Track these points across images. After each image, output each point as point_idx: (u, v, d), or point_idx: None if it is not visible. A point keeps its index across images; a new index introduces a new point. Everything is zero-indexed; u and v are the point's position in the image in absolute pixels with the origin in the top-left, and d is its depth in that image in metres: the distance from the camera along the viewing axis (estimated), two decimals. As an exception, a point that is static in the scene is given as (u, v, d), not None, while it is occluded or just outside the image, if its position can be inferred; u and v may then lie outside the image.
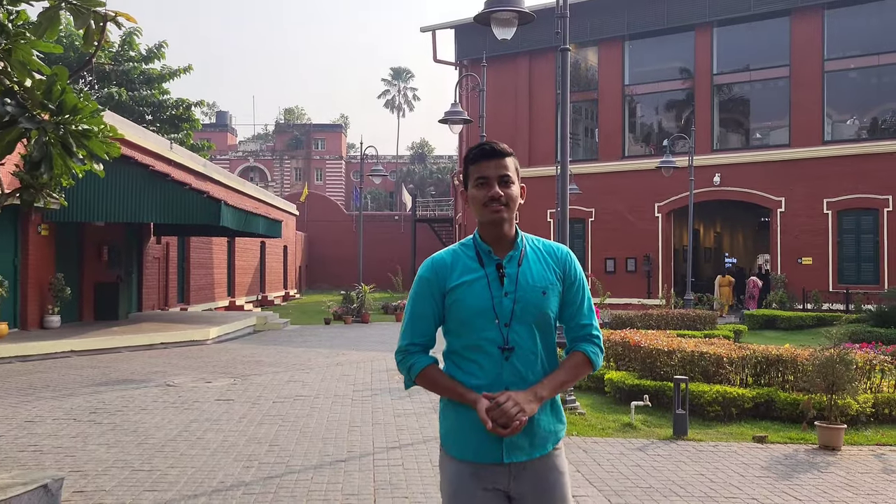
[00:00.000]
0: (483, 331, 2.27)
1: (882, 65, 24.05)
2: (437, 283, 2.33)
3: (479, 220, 2.35)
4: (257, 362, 12.27)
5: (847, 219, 23.63)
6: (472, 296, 2.28)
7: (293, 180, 72.66)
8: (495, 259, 2.33)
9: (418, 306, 2.36)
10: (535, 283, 2.31)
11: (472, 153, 2.33)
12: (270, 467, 5.80)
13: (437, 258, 2.37)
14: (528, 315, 2.29)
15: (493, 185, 2.29)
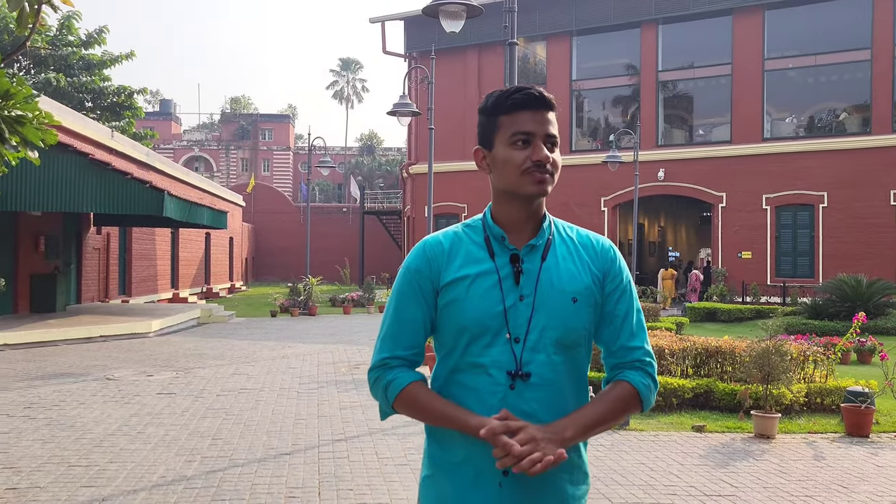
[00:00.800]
0: (486, 347, 1.68)
1: (818, 65, 24.76)
2: (429, 274, 1.73)
3: (506, 192, 1.74)
4: (201, 355, 12.08)
5: (784, 214, 24.32)
6: (476, 296, 1.69)
7: (239, 171, 71.53)
8: (510, 248, 1.73)
9: (403, 308, 1.74)
10: (562, 285, 1.70)
11: (507, 98, 1.73)
12: (213, 461, 5.72)
13: (432, 241, 1.77)
14: (552, 330, 1.68)
15: (540, 145, 1.70)
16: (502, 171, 1.73)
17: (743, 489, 5.31)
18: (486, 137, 1.77)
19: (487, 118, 1.77)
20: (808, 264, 23.84)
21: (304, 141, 78.44)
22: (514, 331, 1.68)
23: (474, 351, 1.69)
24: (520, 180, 1.71)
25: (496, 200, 1.78)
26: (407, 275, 1.77)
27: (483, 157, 1.79)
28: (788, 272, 23.90)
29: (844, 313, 16.73)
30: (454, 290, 1.71)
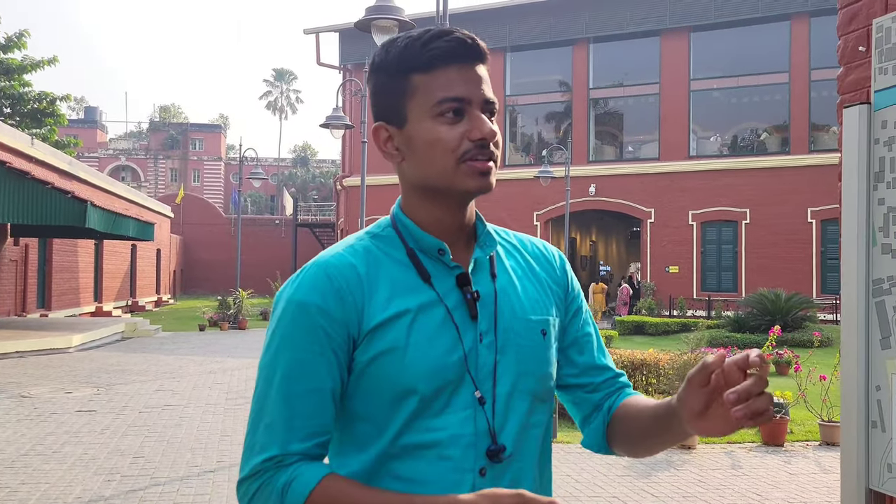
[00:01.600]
0: (439, 415, 1.12)
1: (741, 86, 25.68)
2: (342, 317, 1.11)
3: (430, 188, 1.17)
4: (124, 371, 11.71)
5: (710, 230, 25.06)
6: (423, 340, 1.12)
7: (168, 181, 69.94)
8: (452, 267, 1.17)
9: (300, 372, 1.10)
10: (525, 314, 1.21)
11: (424, 47, 1.12)
12: (134, 480, 5.55)
13: (337, 263, 1.14)
14: (526, 379, 1.18)
15: (481, 116, 1.13)
16: (425, 157, 1.14)
17: (663, 498, 5.43)
18: (391, 108, 1.16)
19: (391, 78, 1.15)
20: (732, 279, 24.60)
21: (236, 151, 77.20)
22: (482, 386, 1.13)
23: (421, 424, 1.11)
24: (455, 171, 1.13)
25: (412, 200, 1.20)
26: (302, 317, 1.10)
27: (388, 138, 1.17)
28: (713, 286, 24.60)
29: (765, 326, 17.28)
30: (387, 335, 1.11)
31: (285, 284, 1.17)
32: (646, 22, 25.71)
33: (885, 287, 1.92)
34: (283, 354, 1.10)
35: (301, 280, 1.13)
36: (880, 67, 1.96)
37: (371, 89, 1.19)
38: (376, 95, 1.19)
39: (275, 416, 1.09)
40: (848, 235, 2.03)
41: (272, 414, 1.09)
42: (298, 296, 1.11)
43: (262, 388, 1.11)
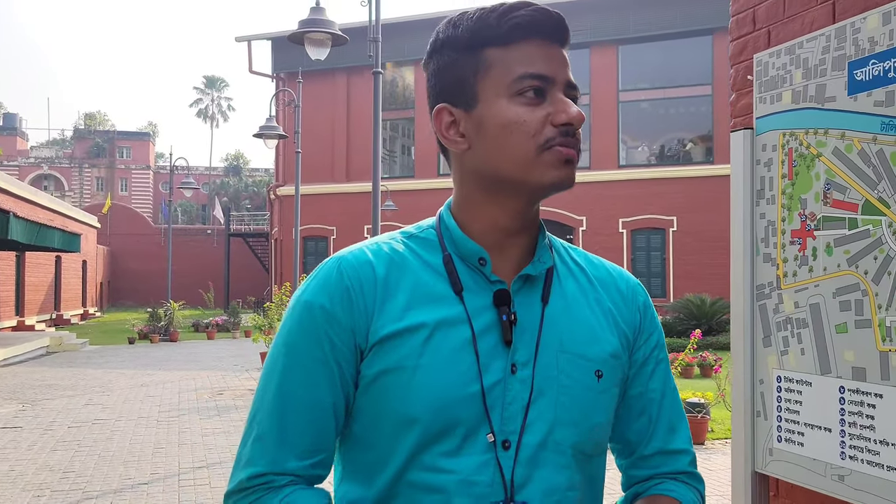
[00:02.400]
0: (450, 455, 0.94)
1: (667, 98, 26.53)
2: (350, 321, 0.97)
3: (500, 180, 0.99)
4: (50, 386, 11.44)
5: (639, 237, 25.77)
6: (436, 363, 0.95)
7: (94, 190, 68.00)
8: (493, 279, 1.00)
9: (299, 381, 0.97)
10: (580, 348, 1.01)
11: (504, 17, 0.98)
12: (65, 495, 5.50)
13: (353, 261, 1.00)
14: (566, 428, 0.98)
15: (565, 99, 0.98)
16: (499, 142, 0.96)
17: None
18: (457, 87, 0.99)
19: (459, 54, 0.99)
20: (661, 285, 25.33)
21: (165, 160, 75.64)
22: (502, 428, 0.95)
23: (427, 461, 0.94)
24: (535, 159, 0.95)
25: (472, 198, 1.02)
26: (306, 320, 0.97)
27: (452, 123, 1.01)
28: (642, 292, 25.26)
29: (691, 331, 17.91)
30: (397, 350, 0.95)
31: (304, 281, 1.05)
32: (575, 35, 26.04)
33: (766, 292, 2.15)
34: (282, 360, 0.97)
35: (314, 277, 1.00)
36: (760, 97, 2.19)
37: (433, 69, 1.03)
38: (439, 73, 1.01)
39: (266, 429, 0.96)
40: (735, 246, 2.26)
41: (263, 425, 0.96)
42: (307, 295, 0.98)
43: (259, 395, 0.99)
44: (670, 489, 1.08)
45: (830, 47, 1.97)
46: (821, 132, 1.99)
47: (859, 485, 1.85)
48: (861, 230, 1.87)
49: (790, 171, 2.09)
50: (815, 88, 2.01)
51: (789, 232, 2.09)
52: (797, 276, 2.05)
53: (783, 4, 2.44)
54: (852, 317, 1.89)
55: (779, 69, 2.14)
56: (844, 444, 1.90)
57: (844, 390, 1.90)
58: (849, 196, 1.90)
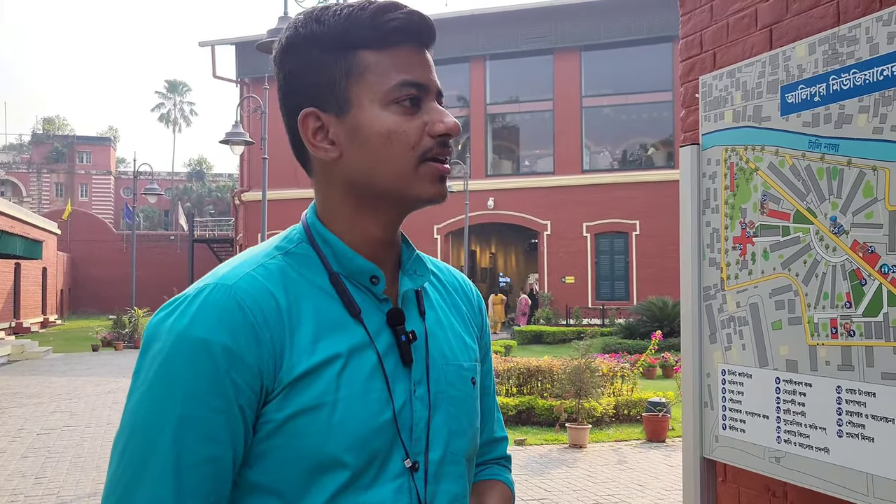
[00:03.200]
0: (370, 487, 0.89)
1: (629, 104, 27.02)
2: (255, 361, 0.85)
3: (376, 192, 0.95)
4: (15, 394, 11.37)
5: (603, 241, 26.19)
6: (355, 397, 0.89)
7: (53, 196, 66.85)
8: (382, 300, 0.96)
9: (198, 433, 0.83)
10: (457, 359, 1.02)
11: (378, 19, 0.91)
12: (39, 500, 5.57)
13: (243, 287, 0.88)
14: (459, 439, 0.99)
15: (440, 108, 0.95)
16: (377, 152, 0.91)
17: (555, 493, 5.87)
18: (327, 90, 0.93)
19: (329, 54, 0.92)
20: (624, 288, 25.76)
21: (126, 165, 74.61)
22: (411, 450, 0.93)
23: (347, 500, 0.88)
24: (414, 172, 0.92)
25: (338, 208, 0.96)
26: (203, 362, 0.84)
27: (319, 128, 0.94)
28: (607, 295, 25.68)
29: (653, 332, 18.28)
30: (311, 389, 0.87)
31: (164, 309, 0.88)
32: (539, 41, 26.71)
33: (712, 293, 2.36)
34: (170, 410, 0.82)
35: (200, 308, 0.85)
36: (705, 115, 2.41)
37: (290, 68, 0.94)
38: (301, 76, 0.93)
39: (158, 495, 0.81)
40: (684, 251, 2.47)
41: (154, 491, 0.81)
42: (197, 331, 0.83)
43: (137, 454, 0.82)
44: (497, 473, 1.15)
45: (766, 72, 2.19)
46: (758, 148, 2.20)
47: (792, 465, 2.06)
48: (792, 237, 2.08)
49: (732, 184, 2.30)
50: (753, 109, 2.22)
51: (731, 238, 2.30)
52: (738, 279, 2.26)
53: (727, 30, 2.66)
54: (786, 315, 2.10)
55: (721, 90, 2.35)
56: (780, 429, 2.11)
57: (780, 381, 2.11)
58: (782, 206, 2.12)
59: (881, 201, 1.84)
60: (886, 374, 1.82)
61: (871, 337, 1.86)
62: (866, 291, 1.88)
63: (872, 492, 1.85)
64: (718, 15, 2.71)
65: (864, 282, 1.88)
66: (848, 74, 1.94)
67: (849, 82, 1.94)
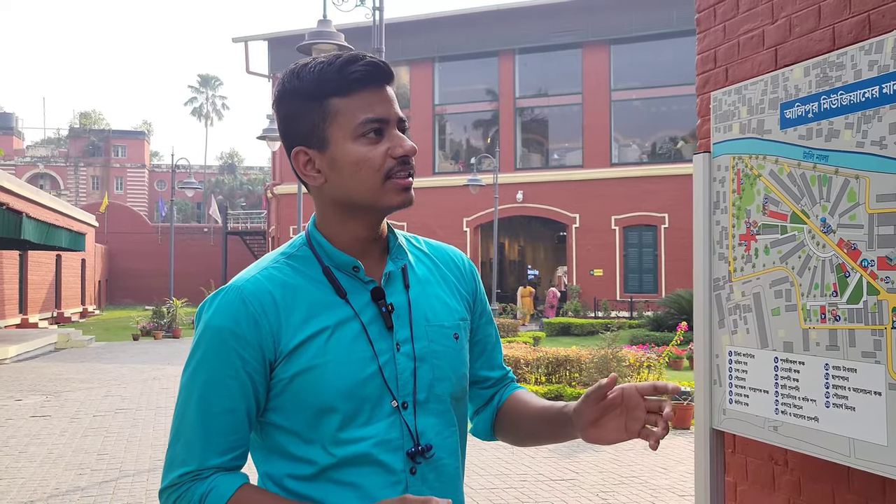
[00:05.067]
0: (365, 425, 1.19)
1: (659, 97, 27.04)
2: (258, 340, 1.18)
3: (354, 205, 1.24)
4: (67, 379, 11.94)
5: (631, 234, 26.30)
6: (340, 356, 1.19)
7: (90, 189, 68.24)
8: (366, 281, 1.25)
9: (215, 393, 1.17)
10: (439, 320, 1.29)
11: (342, 73, 1.19)
12: (104, 473, 6.03)
13: (252, 288, 1.20)
14: (442, 383, 1.27)
15: (399, 134, 1.23)
16: (352, 177, 1.20)
17: (582, 474, 6.20)
18: (310, 131, 1.21)
19: (309, 104, 1.20)
20: (653, 280, 25.87)
21: (160, 158, 75.89)
22: (398, 394, 1.21)
23: (348, 437, 1.17)
24: (381, 188, 1.20)
25: (333, 218, 1.26)
26: (217, 342, 1.17)
27: (308, 161, 1.23)
28: (635, 288, 25.79)
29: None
30: (304, 354, 1.17)
31: (204, 303, 1.23)
32: (568, 35, 26.84)
33: (721, 284, 2.68)
34: (199, 376, 1.17)
35: (218, 304, 1.19)
36: (716, 127, 2.72)
37: (283, 115, 1.23)
38: (291, 121, 1.22)
39: (193, 434, 1.16)
40: (697, 247, 2.79)
41: (190, 432, 1.16)
42: (215, 321, 1.18)
43: (182, 406, 1.19)
44: (515, 387, 1.46)
45: (768, 90, 2.50)
46: (760, 157, 2.52)
47: (788, 433, 2.38)
48: (789, 235, 2.40)
49: (738, 188, 2.62)
50: (757, 122, 2.54)
51: (738, 236, 2.62)
52: (743, 272, 2.58)
53: (738, 48, 2.97)
54: (783, 303, 2.42)
55: (730, 105, 2.67)
56: (778, 402, 2.43)
57: (778, 360, 2.43)
58: (780, 208, 2.44)
59: (862, 205, 2.16)
60: (866, 353, 2.13)
61: (854, 321, 2.17)
62: (850, 282, 2.19)
63: (853, 453, 2.17)
64: (731, 34, 3.02)
65: (848, 274, 2.20)
66: (836, 95, 2.26)
67: (837, 102, 2.25)
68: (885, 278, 2.08)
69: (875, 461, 2.09)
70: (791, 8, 2.71)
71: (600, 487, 5.82)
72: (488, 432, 1.46)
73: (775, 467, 2.78)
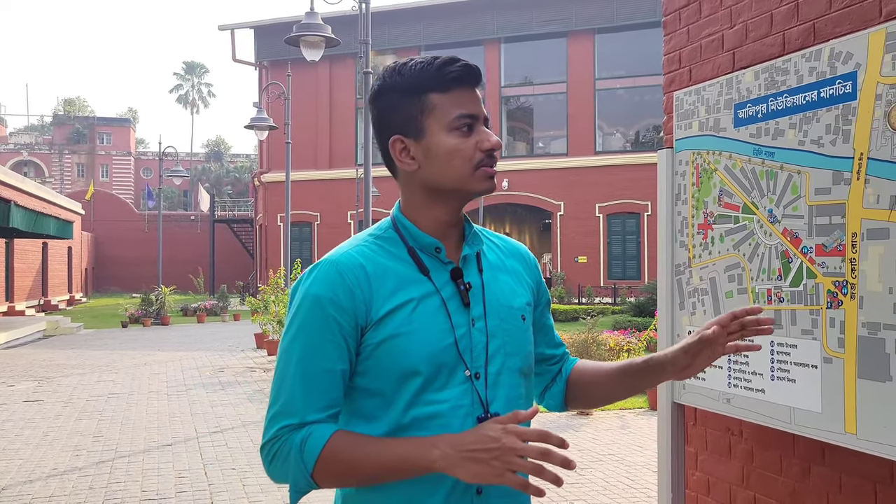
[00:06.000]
0: (441, 390, 1.30)
1: (642, 86, 27.29)
2: (352, 308, 1.30)
3: (443, 191, 1.37)
4: (58, 365, 12.10)
5: (615, 222, 26.60)
6: (423, 326, 1.31)
7: (75, 177, 67.82)
8: (446, 262, 1.38)
9: (314, 354, 1.29)
10: (509, 302, 1.42)
11: (442, 71, 1.34)
12: (100, 454, 6.23)
13: (348, 262, 1.33)
14: (512, 358, 1.38)
15: (486, 130, 1.36)
16: (444, 164, 1.33)
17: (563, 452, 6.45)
18: (408, 122, 1.34)
19: (408, 97, 1.34)
20: (636, 267, 26.21)
21: (145, 146, 75.45)
22: (472, 364, 1.32)
23: (426, 399, 1.29)
24: (471, 176, 1.34)
25: (419, 203, 1.38)
26: (317, 309, 1.29)
27: (404, 149, 1.35)
28: (618, 274, 26.13)
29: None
30: (392, 322, 1.29)
31: (301, 278, 1.35)
32: (553, 24, 27.02)
33: (681, 269, 2.92)
34: (300, 339, 1.29)
35: (315, 276, 1.32)
36: (678, 124, 2.95)
37: (381, 106, 1.37)
38: (389, 112, 1.36)
39: (293, 392, 1.27)
40: (661, 235, 3.02)
41: (291, 390, 1.27)
42: (314, 290, 1.30)
43: (282, 367, 1.30)
44: (574, 360, 1.61)
45: (723, 92, 2.73)
46: (716, 153, 2.75)
47: (740, 404, 2.62)
48: (741, 225, 2.64)
49: (697, 181, 2.85)
50: (713, 121, 2.77)
51: (696, 225, 2.85)
52: (701, 258, 2.82)
53: (700, 50, 3.19)
54: (736, 286, 2.66)
55: (690, 105, 2.90)
56: (730, 376, 2.67)
57: (731, 338, 2.67)
58: (734, 200, 2.67)
59: (803, 198, 2.39)
60: (805, 331, 2.38)
61: (795, 302, 2.41)
62: (792, 268, 2.43)
63: (794, 420, 2.41)
64: (694, 37, 3.24)
65: (791, 260, 2.43)
66: (782, 98, 2.49)
67: (782, 104, 2.48)
68: (822, 263, 2.32)
69: (813, 427, 2.34)
70: (747, 14, 2.94)
71: (579, 465, 6.07)
72: (560, 403, 1.59)
73: (731, 437, 3.02)
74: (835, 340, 2.27)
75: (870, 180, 2.16)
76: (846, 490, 2.47)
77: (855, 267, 2.20)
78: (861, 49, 2.21)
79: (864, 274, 2.17)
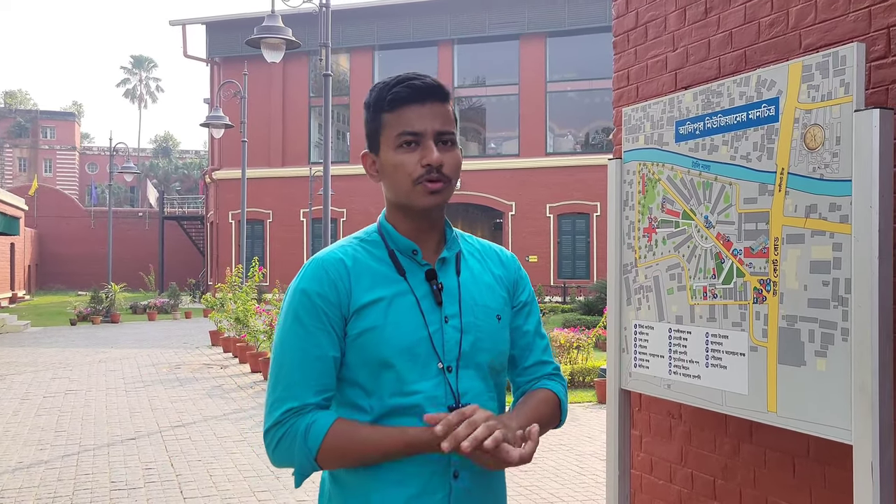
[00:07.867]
0: (415, 382, 1.41)
1: (593, 89, 27.90)
2: (336, 299, 1.42)
3: (397, 202, 1.49)
4: (10, 363, 12.00)
5: (565, 222, 27.14)
6: (397, 320, 1.42)
7: (16, 171, 66.11)
8: (422, 264, 1.49)
9: (307, 342, 1.41)
10: (485, 302, 1.52)
11: (387, 92, 1.45)
12: (64, 448, 6.32)
13: (331, 259, 1.46)
14: (483, 354, 1.48)
15: (431, 146, 1.43)
16: (392, 179, 1.45)
17: (516, 442, 6.76)
18: (371, 139, 1.49)
19: (371, 116, 1.47)
20: (585, 266, 26.78)
21: (91, 140, 73.87)
22: (446, 357, 1.43)
23: (402, 389, 1.40)
24: (412, 191, 1.42)
25: (391, 212, 1.51)
26: (306, 301, 1.41)
27: (372, 163, 1.50)
28: (568, 274, 26.66)
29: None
30: (368, 315, 1.41)
31: (295, 278, 1.48)
32: (506, 26, 27.43)
33: (629, 268, 3.23)
34: (294, 330, 1.41)
35: (304, 273, 1.45)
36: (626, 137, 3.26)
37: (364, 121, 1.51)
38: (365, 127, 1.50)
39: (292, 378, 1.39)
40: (610, 238, 3.33)
41: (289, 376, 1.40)
42: (303, 285, 1.43)
43: (279, 357, 1.42)
44: (544, 384, 1.60)
45: (666, 110, 3.05)
46: (660, 165, 3.06)
47: (679, 389, 2.94)
48: (681, 229, 2.95)
49: (643, 189, 3.16)
50: (658, 135, 3.08)
51: (642, 229, 3.16)
52: (646, 259, 3.13)
53: (646, 70, 3.51)
54: (676, 284, 2.97)
55: (637, 120, 3.21)
56: (671, 364, 2.99)
57: (671, 331, 2.99)
58: (675, 207, 2.99)
59: (734, 206, 2.72)
60: (735, 323, 2.70)
61: (727, 298, 2.74)
62: (724, 267, 2.75)
63: (725, 402, 2.73)
64: (641, 58, 3.56)
65: (724, 261, 2.76)
66: (716, 117, 2.81)
67: (716, 123, 2.80)
68: (749, 264, 2.64)
69: (741, 407, 2.67)
70: (688, 39, 3.26)
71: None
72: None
73: (672, 420, 3.35)
74: (759, 331, 2.59)
75: (789, 192, 2.49)
76: (770, 464, 2.81)
77: (777, 267, 2.53)
78: (782, 78, 2.54)
79: (783, 273, 2.49)
